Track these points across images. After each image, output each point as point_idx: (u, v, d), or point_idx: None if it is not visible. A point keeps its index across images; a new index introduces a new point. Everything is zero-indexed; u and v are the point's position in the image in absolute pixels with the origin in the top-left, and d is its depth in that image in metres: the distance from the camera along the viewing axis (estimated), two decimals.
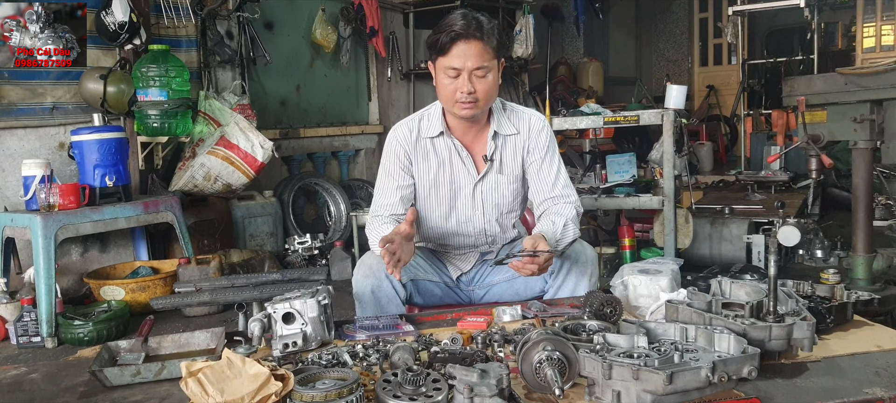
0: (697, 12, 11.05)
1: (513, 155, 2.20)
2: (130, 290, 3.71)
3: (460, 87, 2.01)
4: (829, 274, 3.26)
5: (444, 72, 2.03)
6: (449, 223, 2.24)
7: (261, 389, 1.24)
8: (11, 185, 3.85)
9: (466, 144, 2.19)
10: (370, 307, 2.07)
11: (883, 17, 9.08)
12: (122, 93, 3.95)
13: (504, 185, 2.21)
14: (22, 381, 1.63)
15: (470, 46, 1.98)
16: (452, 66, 2.00)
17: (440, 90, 2.08)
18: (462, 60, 1.99)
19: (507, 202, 2.23)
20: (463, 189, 2.20)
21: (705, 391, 1.26)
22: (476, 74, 2.00)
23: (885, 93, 2.96)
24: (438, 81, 2.07)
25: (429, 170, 2.19)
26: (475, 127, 2.18)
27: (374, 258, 2.13)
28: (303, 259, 4.76)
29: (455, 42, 1.98)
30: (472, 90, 2.00)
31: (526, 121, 2.21)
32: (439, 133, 2.16)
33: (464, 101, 2.02)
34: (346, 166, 6.23)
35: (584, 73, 9.42)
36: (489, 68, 2.01)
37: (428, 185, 2.20)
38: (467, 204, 2.21)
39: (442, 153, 2.18)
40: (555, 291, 2.16)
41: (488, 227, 2.25)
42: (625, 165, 4.17)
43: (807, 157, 3.30)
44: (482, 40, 1.99)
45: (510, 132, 2.19)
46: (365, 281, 2.08)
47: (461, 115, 2.08)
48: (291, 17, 5.74)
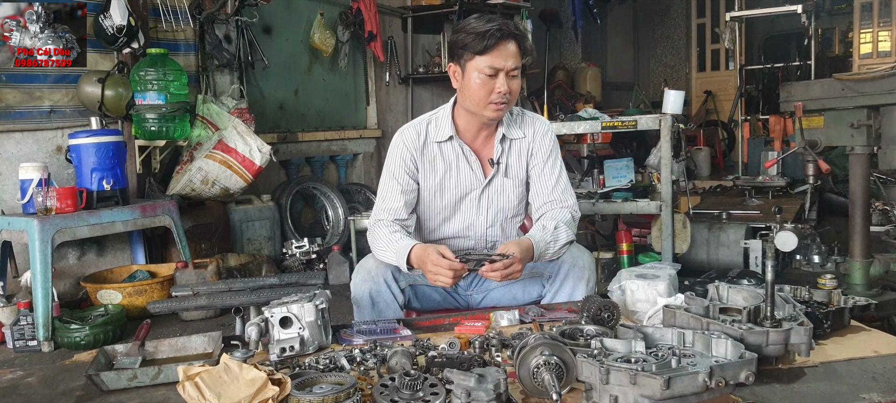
0: (695, 18, 11.07)
1: (518, 158, 2.20)
2: (127, 294, 3.71)
3: (498, 87, 2.01)
4: (826, 279, 3.28)
5: (479, 72, 2.01)
6: (451, 227, 2.23)
7: (258, 393, 1.24)
8: (8, 189, 3.84)
9: (475, 149, 2.18)
10: (368, 311, 2.07)
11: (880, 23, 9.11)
12: (119, 97, 3.94)
13: (510, 189, 2.21)
14: (18, 385, 1.62)
15: (510, 46, 2.00)
16: (493, 66, 1.99)
17: (471, 91, 2.04)
18: (503, 60, 1.99)
19: (512, 206, 2.23)
20: (469, 194, 2.19)
21: (702, 396, 1.26)
22: (512, 75, 2.02)
23: (881, 99, 2.97)
24: (469, 82, 2.04)
25: (435, 175, 2.17)
26: (486, 130, 2.17)
27: (372, 262, 2.13)
28: (300, 263, 4.75)
29: (500, 41, 1.98)
30: (509, 90, 2.01)
31: (531, 125, 2.22)
32: (448, 137, 2.15)
33: (498, 102, 2.02)
34: (344, 170, 6.22)
35: (582, 78, 9.43)
36: (519, 70, 2.04)
37: (433, 190, 2.19)
38: (472, 208, 2.20)
39: (449, 157, 2.17)
40: (552, 296, 2.17)
41: (491, 233, 2.24)
42: (622, 170, 4.17)
43: (804, 163, 3.30)
44: (518, 43, 2.02)
45: (517, 136, 2.19)
46: (363, 286, 2.08)
47: (491, 116, 2.07)
48: (290, 22, 5.74)
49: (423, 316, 2.17)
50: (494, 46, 1.98)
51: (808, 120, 3.12)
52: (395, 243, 2.04)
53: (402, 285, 2.12)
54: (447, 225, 2.23)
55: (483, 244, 2.25)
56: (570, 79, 9.35)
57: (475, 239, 2.24)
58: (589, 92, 9.12)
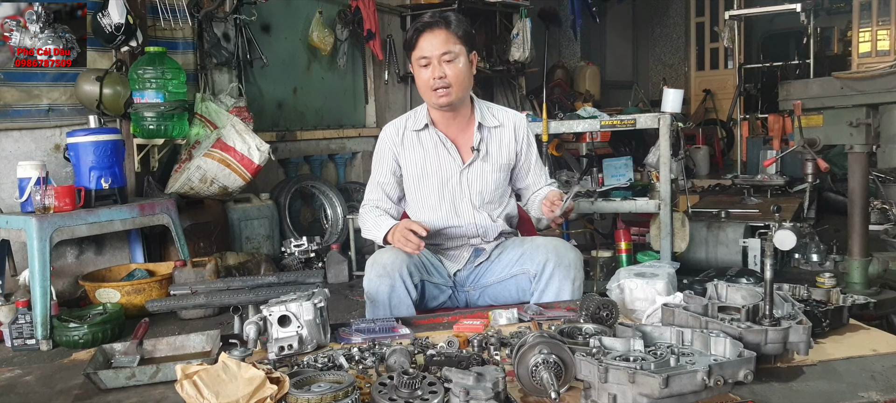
0: (694, 16, 11.07)
1: (498, 146, 2.34)
2: (126, 293, 3.70)
3: (433, 73, 2.16)
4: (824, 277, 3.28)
5: (417, 64, 2.20)
6: (439, 213, 2.33)
7: (256, 392, 1.24)
8: (7, 187, 3.84)
9: (451, 137, 2.32)
10: (383, 309, 2.09)
11: (879, 22, 9.11)
12: (118, 96, 3.94)
13: (488, 173, 2.33)
14: (16, 384, 1.62)
15: (435, 35, 2.16)
16: (423, 56, 2.17)
17: (418, 84, 2.25)
18: (431, 48, 2.15)
19: (490, 190, 2.34)
20: (451, 178, 2.31)
21: (701, 394, 1.26)
22: (444, 60, 2.16)
23: (880, 98, 2.97)
24: (416, 76, 2.24)
25: (415, 161, 2.33)
26: (459, 119, 2.32)
27: (387, 255, 2.16)
28: (299, 262, 4.75)
29: (421, 33, 2.17)
30: (443, 75, 2.16)
31: (507, 116, 2.38)
32: (424, 126, 2.31)
33: (438, 88, 2.17)
34: (342, 169, 6.22)
35: (581, 77, 9.42)
36: (457, 54, 2.17)
37: (416, 176, 2.34)
38: (455, 191, 2.32)
39: (427, 145, 2.33)
40: (539, 295, 2.19)
41: (478, 218, 2.33)
42: (621, 169, 4.17)
43: (803, 161, 3.30)
44: (447, 29, 2.16)
45: (494, 124, 2.34)
46: (380, 282, 2.10)
47: (439, 103, 2.22)
48: (288, 20, 5.74)
49: (422, 314, 2.17)
50: (418, 39, 2.17)
51: (806, 119, 3.12)
52: (378, 224, 2.27)
53: (415, 280, 2.14)
54: (435, 212, 2.34)
55: (472, 231, 2.33)
56: (569, 78, 9.34)
57: (465, 226, 2.33)
58: (588, 90, 9.11)
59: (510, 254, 2.30)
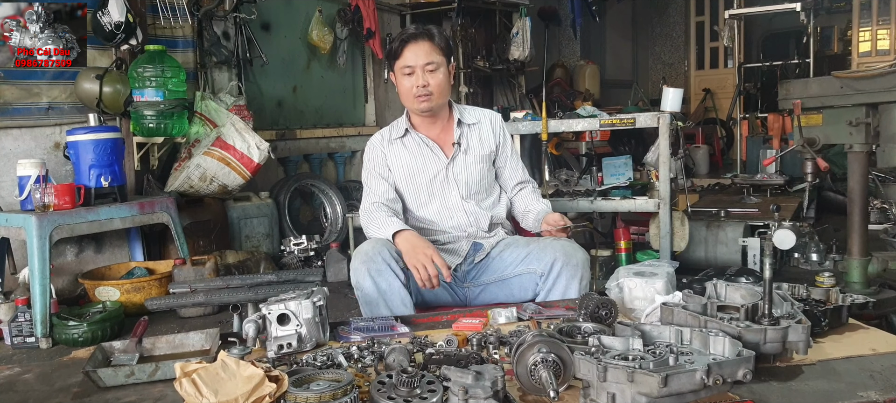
0: (694, 16, 11.07)
1: (478, 140, 2.47)
2: (125, 291, 3.70)
3: (416, 82, 2.30)
4: (824, 277, 3.29)
5: (401, 73, 2.33)
6: (430, 208, 2.42)
7: (255, 390, 1.24)
8: (6, 185, 3.83)
9: (433, 137, 2.46)
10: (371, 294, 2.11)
11: (879, 22, 9.11)
12: (118, 94, 3.94)
13: (472, 165, 2.45)
14: (15, 382, 1.62)
15: (420, 46, 2.29)
16: (408, 65, 2.29)
17: (400, 91, 2.38)
18: (415, 58, 2.29)
19: (476, 181, 2.45)
20: (437, 174, 2.43)
21: (700, 393, 1.26)
22: (427, 69, 2.29)
23: (880, 97, 2.97)
24: (398, 84, 2.37)
25: (402, 164, 2.45)
26: (439, 122, 2.46)
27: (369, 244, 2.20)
28: (299, 260, 4.75)
29: (406, 44, 2.30)
30: (426, 83, 2.29)
31: (483, 114, 2.53)
32: (404, 131, 2.45)
33: (420, 95, 2.31)
34: (342, 168, 6.22)
35: (581, 76, 9.41)
36: (439, 64, 2.31)
37: (405, 177, 2.44)
38: (443, 185, 2.43)
39: (411, 148, 2.45)
40: (546, 293, 2.19)
41: (468, 208, 2.42)
42: (621, 168, 4.17)
43: (802, 161, 3.30)
44: (430, 41, 2.31)
45: (472, 121, 2.48)
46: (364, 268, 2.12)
47: (420, 108, 2.35)
48: (288, 19, 5.73)
49: (421, 312, 2.17)
50: (403, 49, 2.30)
51: (806, 118, 3.12)
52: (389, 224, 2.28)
53: (401, 264, 2.14)
54: (427, 208, 2.44)
55: (465, 221, 2.42)
56: (568, 77, 9.34)
57: (456, 216, 2.42)
58: (587, 89, 9.11)
59: (515, 253, 2.30)
